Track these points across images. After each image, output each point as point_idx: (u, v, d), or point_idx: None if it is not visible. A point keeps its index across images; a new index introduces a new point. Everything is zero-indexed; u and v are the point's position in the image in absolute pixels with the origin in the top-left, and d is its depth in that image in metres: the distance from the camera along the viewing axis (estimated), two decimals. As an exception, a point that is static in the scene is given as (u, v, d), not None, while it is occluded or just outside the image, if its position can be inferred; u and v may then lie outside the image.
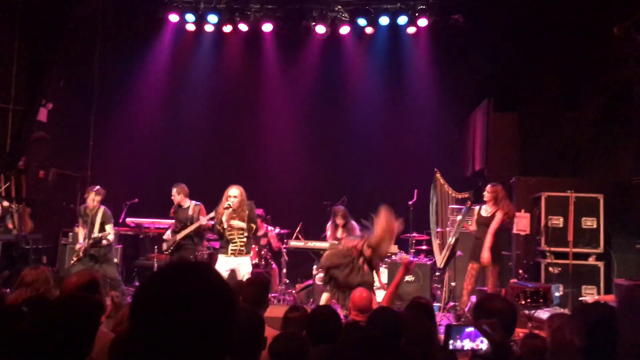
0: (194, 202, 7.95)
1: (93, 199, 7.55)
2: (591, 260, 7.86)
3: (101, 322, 3.22)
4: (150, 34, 11.09)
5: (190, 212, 7.86)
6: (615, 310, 2.52)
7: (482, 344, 1.99)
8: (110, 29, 10.72)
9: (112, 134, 11.12)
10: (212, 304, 1.25)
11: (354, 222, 8.17)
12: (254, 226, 7.15)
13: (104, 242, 7.52)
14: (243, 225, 7.01)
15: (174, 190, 7.97)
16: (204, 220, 7.62)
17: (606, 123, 8.99)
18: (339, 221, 8.14)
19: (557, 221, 7.98)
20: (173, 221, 8.21)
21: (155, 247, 9.04)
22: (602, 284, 7.71)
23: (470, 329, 2.00)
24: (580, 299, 7.40)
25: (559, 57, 9.86)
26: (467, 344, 2.01)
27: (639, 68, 6.71)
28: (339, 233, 8.32)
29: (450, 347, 2.04)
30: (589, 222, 7.89)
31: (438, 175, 8.07)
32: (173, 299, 1.22)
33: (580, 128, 9.58)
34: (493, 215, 7.41)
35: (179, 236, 7.76)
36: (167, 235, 8.02)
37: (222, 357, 1.26)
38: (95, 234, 7.44)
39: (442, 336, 5.77)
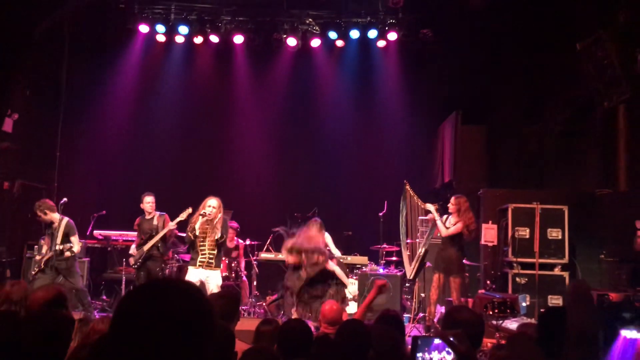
0: (158, 213, 7.93)
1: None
2: (557, 271, 8.02)
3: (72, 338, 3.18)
4: (119, 44, 10.98)
5: (155, 222, 7.84)
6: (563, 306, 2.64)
7: (449, 355, 2.02)
8: (78, 38, 10.58)
9: (79, 145, 10.96)
10: (195, 323, 1.25)
11: (326, 234, 8.14)
12: (224, 235, 7.09)
13: (67, 253, 7.41)
14: (218, 227, 6.97)
15: (151, 199, 7.87)
16: (171, 224, 7.57)
17: (570, 136, 9.24)
18: None
19: (524, 232, 8.13)
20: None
21: (124, 259, 8.90)
22: (567, 294, 7.87)
23: (438, 341, 2.04)
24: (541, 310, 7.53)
25: (525, 72, 10.10)
26: (435, 356, 2.04)
27: (600, 83, 6.92)
28: None
29: (419, 359, 2.07)
30: (554, 233, 8.06)
31: (408, 186, 8.15)
32: (156, 317, 1.23)
33: (545, 141, 9.81)
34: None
35: (146, 247, 7.68)
36: (132, 250, 7.93)
37: None
38: (58, 245, 7.35)
39: (410, 347, 5.79)
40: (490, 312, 6.16)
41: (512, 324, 6.46)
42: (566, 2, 8.83)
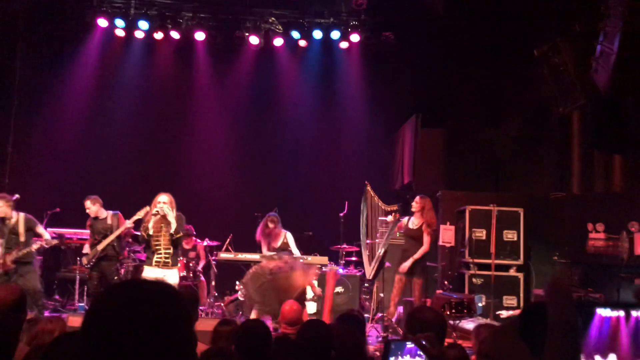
0: (111, 212, 7.75)
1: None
2: (512, 272, 8.19)
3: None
4: (77, 38, 10.69)
5: (109, 221, 7.66)
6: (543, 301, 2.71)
7: (421, 359, 2.03)
8: (33, 31, 10.27)
9: (32, 140, 10.64)
10: (172, 324, 1.22)
11: (288, 234, 8.11)
12: (180, 231, 6.93)
13: (44, 245, 7.25)
14: (173, 221, 6.77)
15: (88, 202, 7.69)
16: (128, 222, 7.42)
17: (526, 141, 9.47)
18: (271, 225, 8.01)
19: (481, 234, 8.28)
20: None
21: (78, 258, 8.68)
22: (521, 294, 8.06)
23: (410, 345, 2.04)
24: (498, 312, 7.67)
25: (483, 77, 10.31)
26: None
27: (556, 89, 7.10)
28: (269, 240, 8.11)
29: None
30: (510, 235, 8.24)
31: (369, 187, 8.20)
32: (132, 319, 1.18)
33: (502, 145, 10.04)
34: (420, 228, 7.62)
35: (101, 247, 7.51)
36: (86, 249, 7.74)
37: None
38: (22, 241, 7.14)
39: (370, 347, 5.81)
40: (448, 312, 6.26)
41: (468, 324, 6.57)
42: (524, 10, 9.05)
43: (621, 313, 1.77)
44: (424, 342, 2.01)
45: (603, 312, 1.72)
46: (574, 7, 7.46)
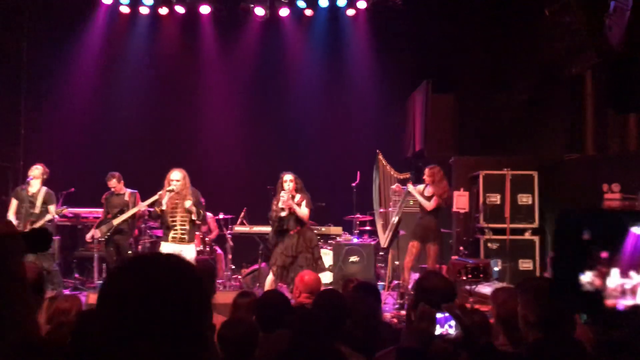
0: (129, 190, 7.90)
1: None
2: (527, 235, 8.17)
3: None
4: (82, 16, 10.65)
5: (126, 198, 7.84)
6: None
7: (451, 329, 2.04)
8: (38, 11, 10.23)
9: (44, 121, 10.69)
10: (187, 295, 1.23)
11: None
12: (201, 212, 7.00)
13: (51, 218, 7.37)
14: (192, 208, 6.82)
15: (114, 181, 7.86)
16: (143, 205, 7.54)
17: (536, 103, 9.34)
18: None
19: (495, 198, 8.25)
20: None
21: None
22: (537, 258, 8.05)
23: (440, 315, 2.05)
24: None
25: (492, 40, 10.13)
26: (437, 329, 2.05)
27: (568, 48, 6.97)
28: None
29: None
30: (524, 199, 8.19)
31: (380, 156, 8.18)
32: (145, 292, 1.19)
33: (513, 108, 9.90)
34: (433, 196, 7.62)
35: (116, 221, 7.66)
36: (91, 232, 7.94)
37: (201, 349, 1.25)
38: (35, 212, 7.27)
39: (386, 315, 5.86)
40: (464, 277, 6.28)
41: (485, 289, 6.60)
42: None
43: None
44: (457, 312, 2.02)
45: (637, 230, 1.76)
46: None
